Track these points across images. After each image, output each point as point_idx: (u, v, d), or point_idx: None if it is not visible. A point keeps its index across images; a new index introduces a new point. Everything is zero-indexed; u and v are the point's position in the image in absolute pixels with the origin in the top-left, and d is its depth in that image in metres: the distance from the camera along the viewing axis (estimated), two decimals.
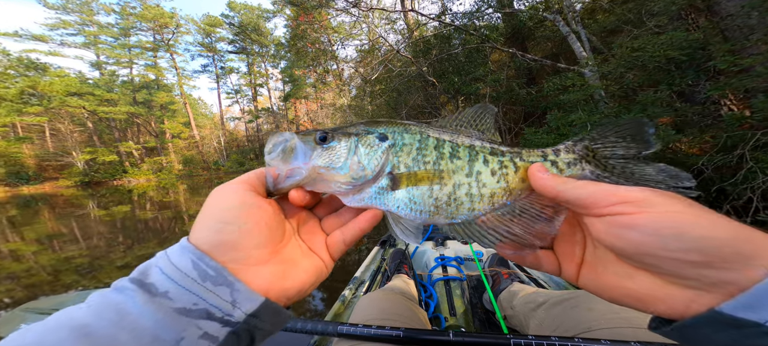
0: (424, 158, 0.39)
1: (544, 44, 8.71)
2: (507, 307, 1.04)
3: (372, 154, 0.38)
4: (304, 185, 0.38)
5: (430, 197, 0.38)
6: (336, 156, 0.37)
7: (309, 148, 0.37)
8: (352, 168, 0.37)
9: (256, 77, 35.06)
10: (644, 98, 3.77)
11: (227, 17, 31.92)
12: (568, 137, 2.86)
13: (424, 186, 0.38)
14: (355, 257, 3.98)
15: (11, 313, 1.21)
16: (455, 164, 0.39)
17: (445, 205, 0.38)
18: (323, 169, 0.37)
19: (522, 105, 7.20)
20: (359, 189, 0.38)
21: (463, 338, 0.68)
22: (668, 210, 0.23)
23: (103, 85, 26.87)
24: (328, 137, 0.38)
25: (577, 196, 0.28)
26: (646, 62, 3.77)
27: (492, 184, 0.38)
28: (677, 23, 4.41)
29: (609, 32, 6.05)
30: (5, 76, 25.76)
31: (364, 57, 11.98)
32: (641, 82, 4.14)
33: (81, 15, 27.05)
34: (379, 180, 0.38)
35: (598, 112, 4.12)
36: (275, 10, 27.59)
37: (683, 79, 3.73)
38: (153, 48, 30.30)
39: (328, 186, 0.38)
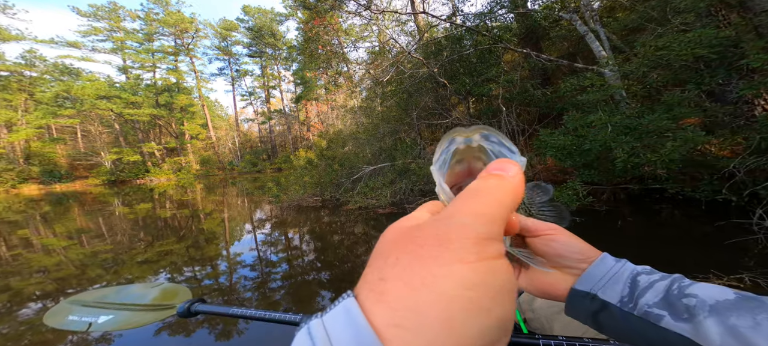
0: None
1: (560, 44, 8.44)
2: (527, 310, 1.05)
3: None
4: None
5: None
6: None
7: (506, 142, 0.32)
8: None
9: (269, 79, 35.98)
10: (669, 98, 3.59)
11: (242, 21, 33.01)
12: (586, 139, 2.76)
13: None
14: (360, 262, 3.99)
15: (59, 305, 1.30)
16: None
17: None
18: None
19: (536, 106, 7.00)
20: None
21: None
22: (565, 233, 0.43)
23: (129, 89, 28.36)
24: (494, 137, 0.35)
25: (528, 226, 0.44)
26: (671, 61, 3.57)
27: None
28: (706, 20, 4.17)
29: (630, 30, 5.79)
30: (42, 81, 27.75)
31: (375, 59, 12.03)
32: (666, 81, 3.93)
33: (109, 21, 28.74)
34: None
35: (619, 112, 3.94)
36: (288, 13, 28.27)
37: (713, 78, 3.52)
38: (174, 52, 31.73)
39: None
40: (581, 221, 3.94)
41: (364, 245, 4.73)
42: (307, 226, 6.26)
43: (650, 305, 0.35)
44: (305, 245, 5.08)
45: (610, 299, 0.38)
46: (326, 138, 13.18)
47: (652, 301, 0.35)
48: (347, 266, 3.93)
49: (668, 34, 3.94)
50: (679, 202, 3.83)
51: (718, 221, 3.08)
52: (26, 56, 27.19)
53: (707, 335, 0.30)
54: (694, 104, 3.78)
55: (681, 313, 0.33)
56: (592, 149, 3.64)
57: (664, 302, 0.35)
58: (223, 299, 3.21)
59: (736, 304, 0.31)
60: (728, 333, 0.29)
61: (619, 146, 3.27)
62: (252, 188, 16.35)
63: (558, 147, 4.01)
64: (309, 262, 4.29)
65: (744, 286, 2.10)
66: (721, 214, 3.18)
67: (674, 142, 3.01)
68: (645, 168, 3.59)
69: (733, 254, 2.59)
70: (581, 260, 0.42)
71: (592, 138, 3.63)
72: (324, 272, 3.83)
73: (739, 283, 2.12)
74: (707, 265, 2.40)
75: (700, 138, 2.98)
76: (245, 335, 2.52)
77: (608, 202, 4.66)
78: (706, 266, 2.38)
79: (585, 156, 3.79)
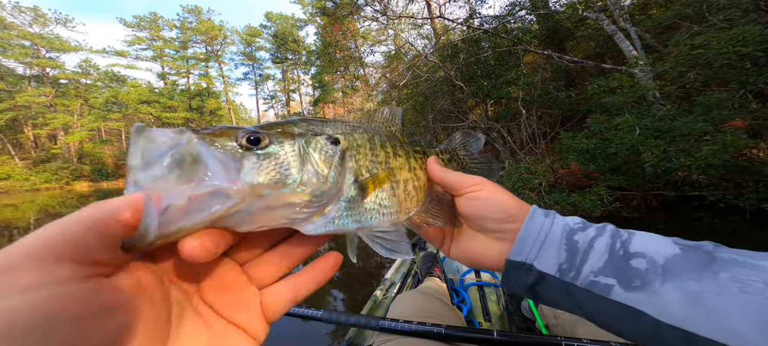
0: (377, 158, 0.35)
1: (586, 44, 8.03)
2: (550, 316, 1.00)
3: (329, 162, 0.29)
4: (217, 223, 0.22)
5: (393, 196, 0.35)
6: (283, 166, 0.25)
7: (230, 156, 0.23)
8: (309, 182, 0.26)
9: (290, 83, 37.47)
10: (707, 99, 3.31)
11: (266, 27, 34.75)
12: (612, 142, 2.68)
13: (387, 186, 0.35)
14: (376, 259, 4.05)
15: None
16: (399, 162, 0.38)
17: (404, 201, 0.37)
18: (269, 189, 0.24)
19: (559, 108, 6.71)
20: (322, 210, 0.28)
21: (509, 338, 0.65)
22: (492, 188, 0.37)
23: (166, 94, 30.85)
24: (263, 138, 0.25)
25: (452, 181, 0.39)
26: (711, 60, 3.30)
27: (423, 177, 0.42)
28: (754, 16, 3.81)
29: (665, 28, 5.40)
30: (95, 88, 30.93)
31: (391, 62, 12.15)
32: (705, 81, 3.64)
33: (150, 31, 31.50)
34: (345, 192, 0.29)
35: (649, 114, 3.70)
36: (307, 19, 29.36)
37: (760, 77, 3.20)
38: (205, 58, 34.09)
39: (275, 216, 0.25)
40: None
41: None
42: None
43: (595, 273, 0.29)
44: None
45: (546, 269, 0.31)
46: None
47: (596, 266, 0.29)
48: (359, 266, 4.00)
49: (706, 32, 3.65)
50: (721, 210, 3.50)
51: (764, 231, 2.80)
52: (82, 65, 30.52)
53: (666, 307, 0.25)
54: (737, 105, 3.45)
55: (631, 279, 0.27)
56: (618, 153, 3.44)
57: (610, 267, 0.29)
58: None
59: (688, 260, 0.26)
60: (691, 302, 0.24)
61: (648, 150, 3.06)
62: None
63: (581, 150, 3.84)
64: None
65: None
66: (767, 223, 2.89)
67: (712, 146, 2.78)
68: (678, 173, 3.33)
69: None
70: (504, 220, 0.35)
71: (618, 141, 3.44)
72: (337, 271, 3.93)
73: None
74: None
75: (742, 141, 2.73)
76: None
77: (638, 209, 4.36)
78: None
79: (610, 160, 3.59)
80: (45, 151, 28.86)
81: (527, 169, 4.67)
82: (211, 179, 0.22)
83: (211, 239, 0.21)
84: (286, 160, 0.26)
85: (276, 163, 0.25)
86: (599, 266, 0.29)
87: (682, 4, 4.63)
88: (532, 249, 0.33)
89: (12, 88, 26.04)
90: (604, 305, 0.28)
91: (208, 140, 0.23)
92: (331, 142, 0.31)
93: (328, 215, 0.29)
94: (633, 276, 0.27)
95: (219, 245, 0.22)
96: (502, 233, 0.36)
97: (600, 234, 0.31)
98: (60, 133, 29.36)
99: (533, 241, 0.33)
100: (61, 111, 28.79)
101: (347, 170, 0.31)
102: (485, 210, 0.36)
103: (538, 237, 0.33)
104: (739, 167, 3.25)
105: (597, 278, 0.29)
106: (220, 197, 0.22)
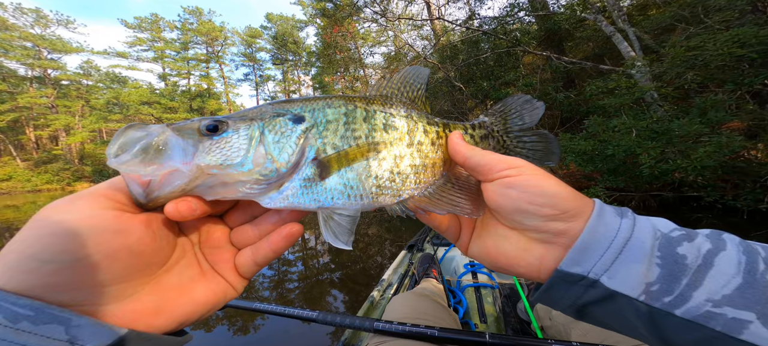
0: (353, 133, 0.33)
1: (585, 45, 8.06)
2: (544, 317, 1.00)
3: (284, 142, 0.31)
4: (191, 192, 0.29)
5: (368, 177, 0.33)
6: (233, 149, 0.29)
7: (190, 142, 0.29)
8: (256, 162, 0.30)
9: (290, 84, 37.56)
10: (703, 101, 3.33)
11: (266, 28, 34.86)
12: (609, 144, 2.69)
13: (360, 164, 0.32)
14: (377, 260, 4.07)
15: None
16: (391, 135, 0.34)
17: (389, 181, 0.33)
18: (216, 169, 0.29)
19: (558, 109, 6.73)
20: (278, 185, 0.31)
21: (500, 341, 0.65)
22: (534, 173, 0.29)
23: (167, 95, 30.94)
24: (221, 126, 0.30)
25: (478, 162, 0.32)
26: (707, 61, 3.32)
27: (432, 154, 0.36)
28: (751, 16, 3.83)
29: (663, 29, 5.42)
30: (96, 89, 31.07)
31: (391, 63, 12.18)
32: (702, 82, 3.65)
33: (151, 32, 31.63)
34: (300, 170, 0.31)
35: (646, 116, 3.72)
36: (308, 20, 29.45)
37: (756, 78, 3.22)
38: (206, 59, 34.20)
39: (229, 189, 0.30)
40: None
41: (377, 245, 4.81)
42: None
43: (717, 303, 0.21)
44: (320, 245, 5.26)
45: (622, 289, 0.24)
46: None
47: (719, 293, 0.21)
48: (359, 266, 4.03)
49: (702, 34, 3.67)
50: (719, 211, 3.52)
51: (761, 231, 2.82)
52: (84, 66, 30.66)
53: None
54: (735, 107, 3.47)
55: None
56: (615, 155, 3.46)
57: (746, 295, 0.20)
58: (243, 296, 3.38)
59: None
60: None
61: (645, 151, 3.08)
62: None
63: (579, 152, 3.86)
64: (323, 262, 4.44)
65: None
66: (766, 224, 2.90)
67: (707, 148, 2.80)
68: (675, 175, 3.35)
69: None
70: (553, 217, 0.27)
71: (615, 143, 3.46)
72: (337, 272, 3.94)
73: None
74: None
75: (737, 143, 2.75)
76: (262, 330, 2.64)
77: (637, 210, 4.34)
78: None
79: (608, 162, 3.61)
80: (46, 153, 28.98)
81: None
82: (172, 161, 0.28)
83: (185, 204, 0.29)
84: (236, 143, 0.30)
85: (225, 147, 0.30)
86: (725, 292, 0.21)
87: (678, 5, 4.65)
88: (602, 260, 0.25)
89: (14, 89, 26.17)
90: (727, 344, 0.20)
91: (175, 131, 0.29)
92: (294, 120, 0.32)
93: (283, 191, 0.31)
94: None
95: (194, 209, 0.29)
96: (547, 233, 0.28)
97: (720, 247, 0.23)
98: (61, 135, 29.47)
99: (604, 249, 0.25)
100: (63, 112, 28.90)
101: (307, 148, 0.32)
102: (524, 202, 0.28)
103: (613, 245, 0.25)
104: (736, 168, 3.26)
105: (720, 309, 0.21)
106: (179, 175, 0.29)
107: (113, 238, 0.24)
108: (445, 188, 0.35)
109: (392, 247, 4.50)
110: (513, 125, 0.40)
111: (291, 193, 0.31)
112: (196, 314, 0.29)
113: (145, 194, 0.28)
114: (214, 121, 0.30)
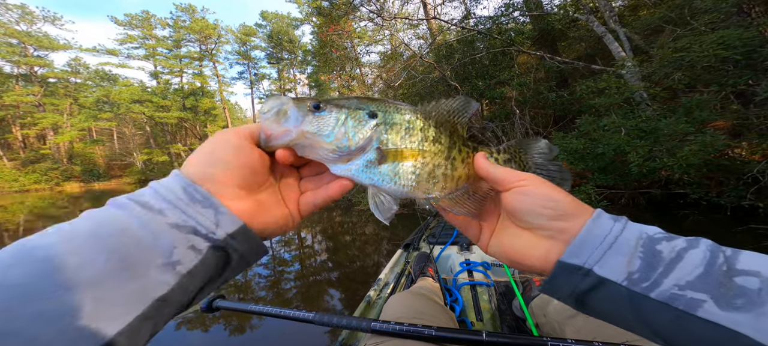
0: (410, 138, 0.42)
1: (578, 45, 8.19)
2: (539, 314, 1.01)
3: (359, 128, 0.40)
4: (291, 147, 0.40)
5: (412, 173, 0.42)
6: (324, 124, 0.40)
7: (301, 113, 0.39)
8: (337, 138, 0.40)
9: (285, 83, 37.22)
10: (689, 101, 3.43)
11: (261, 26, 34.42)
12: (599, 142, 2.76)
13: (409, 163, 0.42)
14: (371, 261, 4.10)
15: None
16: (436, 148, 0.43)
17: (425, 181, 0.43)
18: (310, 135, 0.39)
19: (551, 109, 6.84)
20: (347, 159, 0.41)
21: (497, 339, 0.67)
22: (543, 183, 0.37)
23: (159, 93, 30.37)
24: (321, 106, 0.40)
25: (497, 175, 0.40)
26: (693, 63, 3.43)
27: (461, 168, 0.45)
28: (737, 19, 3.95)
29: (653, 30, 5.55)
30: (85, 87, 30.37)
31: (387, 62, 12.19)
32: (689, 83, 3.77)
33: (143, 30, 30.99)
34: (366, 153, 0.41)
35: (635, 116, 3.82)
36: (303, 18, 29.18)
37: (740, 79, 3.34)
38: (199, 57, 33.62)
39: (314, 152, 0.41)
40: None
41: (373, 244, 4.85)
42: (319, 225, 6.47)
43: (682, 286, 0.26)
44: (317, 245, 5.28)
45: (609, 275, 0.29)
46: None
47: (683, 279, 0.26)
48: (356, 265, 4.06)
49: (689, 36, 3.78)
50: (705, 207, 3.65)
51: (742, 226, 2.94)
52: (72, 64, 29.92)
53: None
54: (720, 107, 3.59)
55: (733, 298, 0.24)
56: (605, 153, 3.56)
57: (704, 282, 0.25)
58: (239, 297, 3.34)
59: None
60: None
61: (633, 150, 3.17)
62: None
63: (570, 150, 3.95)
64: (321, 261, 4.46)
65: None
66: (747, 220, 3.02)
67: (692, 146, 2.90)
68: (662, 173, 3.46)
69: None
70: (556, 217, 0.34)
71: (605, 142, 3.55)
72: (334, 271, 3.96)
73: None
74: None
75: (719, 141, 2.85)
76: (259, 330, 2.64)
77: (627, 207, 4.49)
78: None
79: (598, 160, 3.71)
80: (34, 152, 28.24)
81: None
82: (287, 124, 0.40)
83: (286, 153, 0.40)
84: (328, 121, 0.41)
85: (321, 122, 0.41)
86: (688, 279, 0.26)
87: (666, 7, 4.77)
88: (594, 253, 0.30)
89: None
90: (685, 322, 0.25)
91: (294, 103, 0.41)
92: (369, 115, 0.42)
93: (349, 164, 0.42)
94: (736, 295, 0.24)
95: (290, 158, 0.41)
96: (551, 231, 0.34)
97: (693, 246, 0.28)
98: (49, 134, 28.75)
99: (597, 244, 0.31)
100: (50, 110, 28.18)
101: (374, 139, 0.42)
102: (534, 204, 0.35)
103: (605, 241, 0.31)
104: (721, 166, 3.38)
105: (683, 291, 0.26)
106: (289, 133, 0.40)
107: (246, 158, 0.37)
108: (464, 197, 0.45)
109: (389, 245, 4.53)
110: (536, 159, 0.50)
111: (354, 167, 0.41)
112: (271, 227, 0.40)
113: (266, 140, 0.40)
114: (317, 102, 0.41)
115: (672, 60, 3.59)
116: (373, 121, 0.41)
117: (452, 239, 1.99)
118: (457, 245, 1.93)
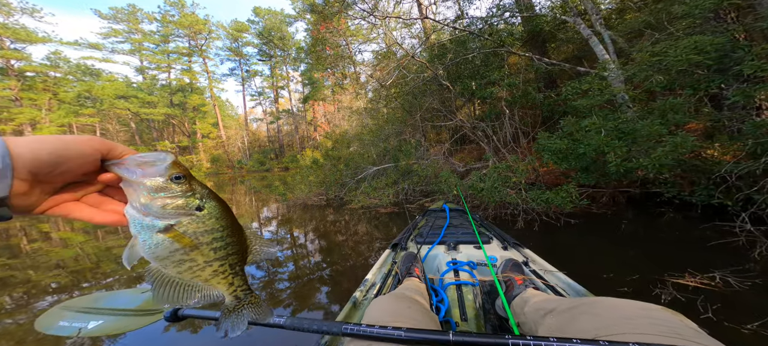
0: (200, 237, 0.43)
1: (566, 47, 8.40)
2: (519, 313, 1.03)
3: (177, 209, 0.42)
4: (120, 177, 0.41)
5: (170, 252, 0.43)
6: (157, 186, 0.40)
7: (157, 169, 0.40)
8: (154, 202, 0.40)
9: (278, 80, 36.66)
10: (663, 104, 3.61)
11: (253, 23, 33.74)
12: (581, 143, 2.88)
13: (177, 246, 0.43)
14: (362, 260, 4.15)
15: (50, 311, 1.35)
16: (209, 256, 0.45)
17: (171, 263, 0.44)
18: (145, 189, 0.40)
19: (539, 109, 7.03)
20: (146, 215, 0.41)
21: (462, 338, 0.70)
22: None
23: (145, 89, 29.47)
24: (183, 178, 0.42)
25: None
26: (669, 66, 3.61)
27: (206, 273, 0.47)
28: (714, 24, 4.12)
29: (637, 34, 5.76)
30: (65, 82, 29.14)
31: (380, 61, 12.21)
32: (666, 86, 3.95)
33: (128, 24, 29.93)
34: (162, 220, 0.41)
35: (613, 117, 3.98)
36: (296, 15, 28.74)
37: (711, 83, 3.53)
38: (188, 53, 32.75)
39: (131, 191, 0.41)
40: (576, 223, 4.01)
41: (366, 243, 4.90)
42: (312, 224, 6.48)
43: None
44: (310, 243, 5.29)
45: None
46: (332, 139, 13.44)
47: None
48: (349, 264, 4.10)
49: (666, 40, 3.96)
50: (678, 205, 3.86)
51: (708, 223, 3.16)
52: (51, 57, 28.63)
53: None
54: (694, 110, 3.79)
55: None
56: (586, 153, 3.71)
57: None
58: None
59: None
60: None
61: (612, 150, 3.33)
62: (260, 186, 16.72)
63: (554, 150, 4.09)
64: (314, 261, 4.47)
65: (714, 283, 2.19)
66: (716, 217, 3.23)
67: (664, 147, 3.07)
68: (638, 172, 3.64)
69: (720, 254, 2.71)
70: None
71: (586, 142, 3.71)
72: (326, 270, 4.00)
73: (710, 281, 2.24)
74: (695, 265, 2.50)
75: (690, 143, 3.03)
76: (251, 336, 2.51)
77: (607, 205, 4.69)
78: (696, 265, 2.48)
79: (580, 160, 3.86)
80: None
81: (508, 168, 4.89)
82: (143, 168, 0.41)
83: (115, 179, 0.42)
84: (174, 189, 0.42)
85: (160, 185, 0.42)
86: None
87: (648, 12, 4.96)
88: None
89: None
90: None
91: (167, 166, 0.42)
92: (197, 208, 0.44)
93: (144, 218, 0.42)
94: None
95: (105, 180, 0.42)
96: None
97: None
98: (27, 129, 27.52)
99: None
100: (28, 105, 26.97)
101: (178, 221, 0.43)
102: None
103: None
104: (693, 166, 3.58)
105: None
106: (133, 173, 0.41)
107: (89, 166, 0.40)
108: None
109: (382, 244, 4.60)
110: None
111: (144, 221, 0.42)
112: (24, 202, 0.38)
113: (117, 164, 0.41)
114: (179, 174, 0.43)
115: (650, 64, 3.76)
116: (196, 212, 0.43)
117: (440, 239, 2.01)
118: (445, 244, 1.95)
